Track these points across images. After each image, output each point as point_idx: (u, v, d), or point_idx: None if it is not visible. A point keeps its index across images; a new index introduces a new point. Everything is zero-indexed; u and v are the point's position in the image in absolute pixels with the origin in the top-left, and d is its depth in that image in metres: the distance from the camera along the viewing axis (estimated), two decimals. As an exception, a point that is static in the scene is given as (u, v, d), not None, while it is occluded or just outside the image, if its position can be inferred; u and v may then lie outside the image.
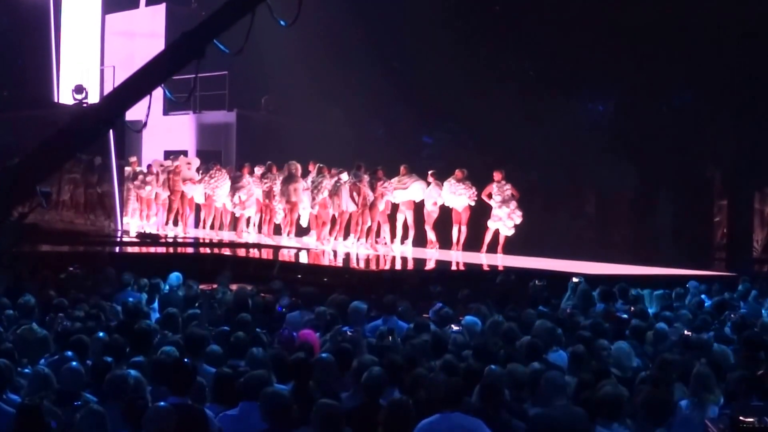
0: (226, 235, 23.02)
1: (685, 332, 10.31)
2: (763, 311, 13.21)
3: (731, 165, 24.50)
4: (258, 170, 22.83)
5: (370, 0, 25.92)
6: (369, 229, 21.40)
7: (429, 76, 26.24)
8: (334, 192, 21.14)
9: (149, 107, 11.98)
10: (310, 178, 21.80)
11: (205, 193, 23.01)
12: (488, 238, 20.80)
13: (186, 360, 7.64)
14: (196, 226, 24.37)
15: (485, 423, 7.04)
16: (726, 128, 24.16)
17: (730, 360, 9.45)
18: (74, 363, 7.72)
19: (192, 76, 28.00)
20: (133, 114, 26.84)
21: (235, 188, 22.36)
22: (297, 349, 8.87)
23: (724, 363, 9.27)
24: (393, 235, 21.66)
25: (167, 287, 13.38)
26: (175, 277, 13.49)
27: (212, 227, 23.64)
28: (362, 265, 18.82)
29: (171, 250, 21.00)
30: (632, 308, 12.39)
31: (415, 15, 25.82)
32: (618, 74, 24.02)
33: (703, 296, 14.19)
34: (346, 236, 21.65)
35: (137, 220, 24.02)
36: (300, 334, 9.82)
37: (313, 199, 21.51)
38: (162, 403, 6.68)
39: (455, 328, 10.35)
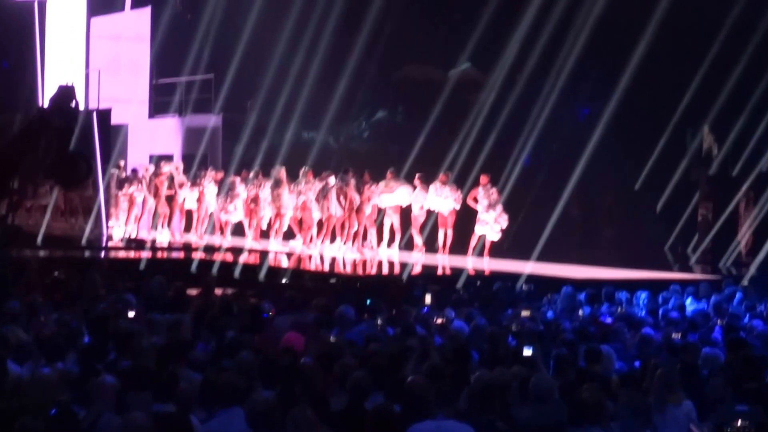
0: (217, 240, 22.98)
1: (672, 335, 10.33)
2: (747, 314, 13.21)
3: (717, 168, 24.56)
4: (244, 175, 22.85)
5: (359, 7, 25.88)
6: (356, 233, 21.39)
7: (416, 79, 26.29)
8: (322, 196, 21.13)
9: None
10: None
11: (199, 198, 22.99)
12: (474, 241, 20.79)
13: (167, 366, 7.61)
14: (186, 230, 24.29)
15: (474, 428, 7.05)
16: (712, 131, 24.21)
17: (719, 363, 9.47)
18: (46, 369, 7.66)
19: (178, 79, 28.17)
20: (118, 118, 26.83)
21: (231, 195, 22.34)
22: (282, 353, 8.85)
23: (712, 366, 9.29)
24: (379, 239, 21.66)
25: (151, 291, 13.32)
26: (157, 281, 13.45)
27: (187, 231, 23.66)
28: (348, 269, 18.79)
29: (155, 254, 20.92)
30: (618, 311, 12.41)
31: (401, 20, 25.87)
32: (603, 77, 24.04)
33: (690, 299, 14.22)
34: (332, 240, 21.63)
35: (123, 224, 23.92)
36: (285, 338, 9.80)
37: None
38: (137, 412, 6.62)
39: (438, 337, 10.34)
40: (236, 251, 20.83)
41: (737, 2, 21.76)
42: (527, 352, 8.84)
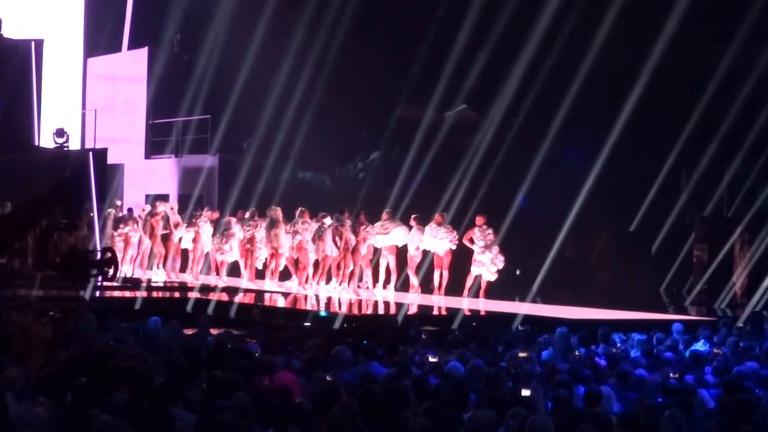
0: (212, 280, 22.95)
1: (671, 376, 10.31)
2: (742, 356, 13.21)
3: (712, 210, 24.65)
4: (240, 215, 22.87)
5: (355, 48, 26.09)
6: (351, 273, 21.38)
7: (412, 120, 26.38)
8: (318, 236, 21.14)
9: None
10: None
11: (195, 238, 23.00)
12: (470, 282, 20.78)
13: (162, 405, 7.58)
14: (182, 270, 24.27)
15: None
16: (707, 174, 24.31)
17: (713, 404, 9.45)
18: (38, 407, 7.63)
19: (175, 119, 28.21)
20: (114, 158, 26.87)
21: (227, 235, 22.35)
22: (275, 393, 8.81)
23: (707, 408, 9.28)
24: (375, 280, 21.65)
25: (146, 331, 13.30)
26: (153, 321, 13.42)
27: (182, 270, 23.66)
28: (344, 309, 18.77)
29: (151, 294, 20.88)
30: (614, 352, 12.40)
31: (393, 67, 26.07)
32: (599, 120, 24.17)
33: (686, 340, 14.21)
34: (328, 280, 21.62)
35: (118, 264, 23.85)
36: (278, 378, 9.77)
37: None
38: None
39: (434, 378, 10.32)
40: (232, 291, 20.81)
41: (731, 47, 21.96)
42: (525, 392, 8.83)
